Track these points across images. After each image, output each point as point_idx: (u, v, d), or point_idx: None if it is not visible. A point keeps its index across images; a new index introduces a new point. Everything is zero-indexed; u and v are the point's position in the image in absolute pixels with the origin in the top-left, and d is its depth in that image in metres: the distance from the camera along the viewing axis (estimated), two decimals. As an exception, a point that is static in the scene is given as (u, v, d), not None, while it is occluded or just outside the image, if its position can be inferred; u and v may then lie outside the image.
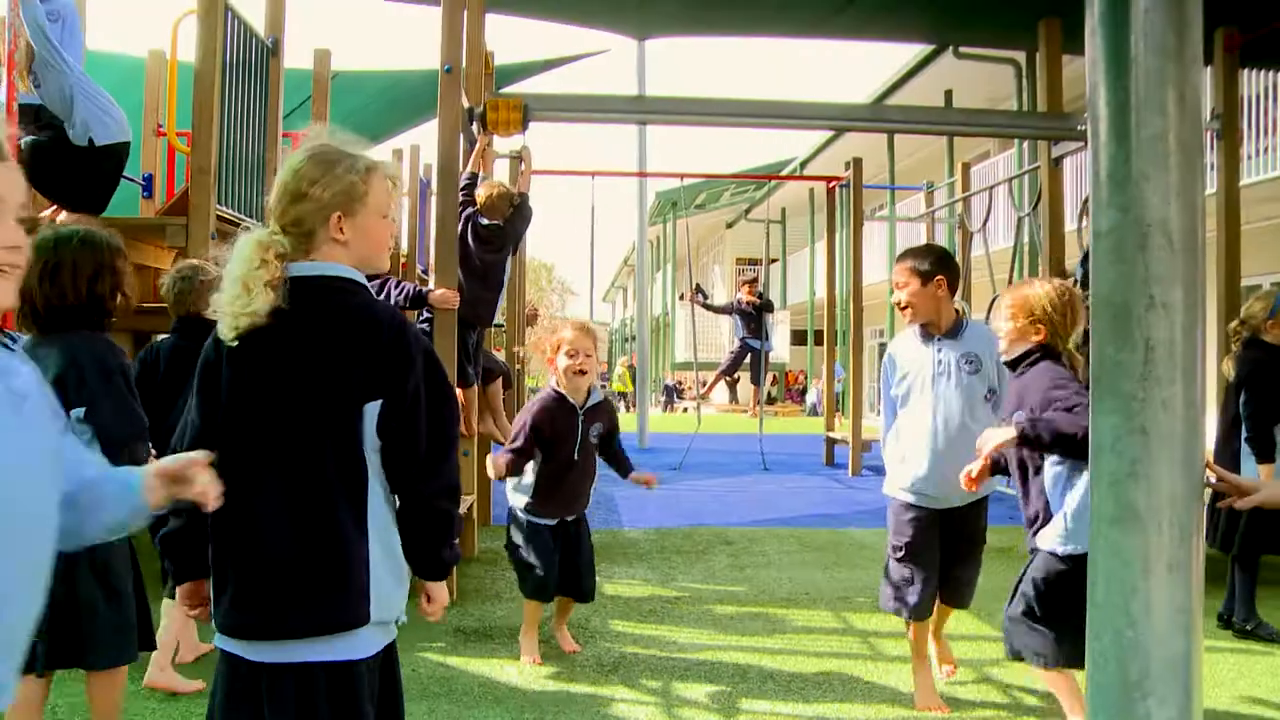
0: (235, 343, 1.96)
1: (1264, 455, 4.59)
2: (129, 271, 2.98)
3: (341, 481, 1.92)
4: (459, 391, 6.11)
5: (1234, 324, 4.96)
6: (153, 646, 3.19)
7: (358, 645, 1.93)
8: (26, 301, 2.77)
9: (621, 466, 4.39)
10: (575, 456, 4.14)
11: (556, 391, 4.17)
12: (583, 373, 4.14)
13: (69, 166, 5.03)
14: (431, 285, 5.65)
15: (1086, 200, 6.54)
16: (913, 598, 3.61)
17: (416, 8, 8.43)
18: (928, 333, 3.68)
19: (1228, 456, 4.74)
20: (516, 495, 4.25)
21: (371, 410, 1.94)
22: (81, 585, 2.80)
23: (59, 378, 2.72)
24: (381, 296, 5.54)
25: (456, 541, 2.10)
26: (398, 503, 2.01)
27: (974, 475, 3.20)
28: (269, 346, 1.95)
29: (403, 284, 5.74)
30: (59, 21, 5.56)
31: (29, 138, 5.05)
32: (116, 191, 5.43)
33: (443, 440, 2.01)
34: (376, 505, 1.95)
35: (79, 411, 2.74)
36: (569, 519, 4.27)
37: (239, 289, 1.93)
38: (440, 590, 2.11)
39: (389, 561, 1.97)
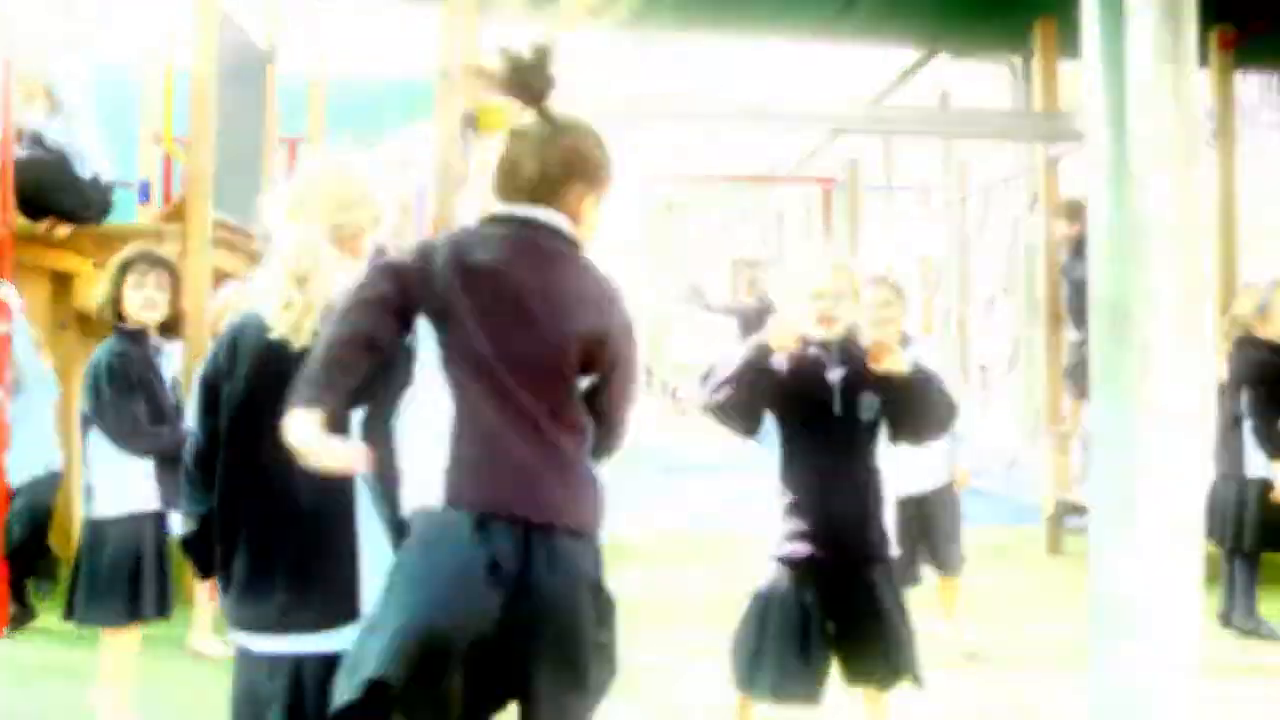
0: (264, 349, 2.02)
1: (1277, 452, 4.55)
2: (132, 279, 3.33)
3: (330, 484, 1.96)
4: None
5: (1224, 323, 4.93)
6: (166, 614, 3.47)
7: (348, 638, 1.96)
8: None
9: None
10: None
11: None
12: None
13: (67, 187, 5.11)
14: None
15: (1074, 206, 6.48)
16: None
17: (414, 13, 8.43)
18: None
19: (1229, 455, 4.71)
20: None
21: (358, 415, 1.99)
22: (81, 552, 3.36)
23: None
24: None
25: None
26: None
27: None
28: (280, 356, 2.00)
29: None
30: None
31: (27, 153, 5.04)
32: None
33: None
34: (368, 506, 2.00)
35: (84, 408, 3.32)
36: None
37: (320, 313, 1.98)
38: None
39: (381, 561, 1.99)
